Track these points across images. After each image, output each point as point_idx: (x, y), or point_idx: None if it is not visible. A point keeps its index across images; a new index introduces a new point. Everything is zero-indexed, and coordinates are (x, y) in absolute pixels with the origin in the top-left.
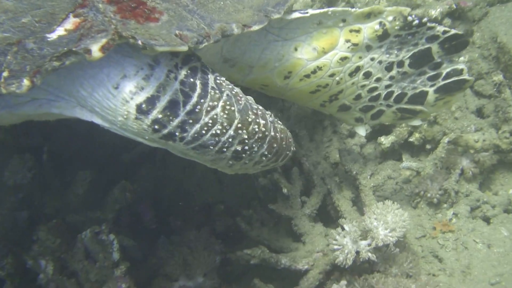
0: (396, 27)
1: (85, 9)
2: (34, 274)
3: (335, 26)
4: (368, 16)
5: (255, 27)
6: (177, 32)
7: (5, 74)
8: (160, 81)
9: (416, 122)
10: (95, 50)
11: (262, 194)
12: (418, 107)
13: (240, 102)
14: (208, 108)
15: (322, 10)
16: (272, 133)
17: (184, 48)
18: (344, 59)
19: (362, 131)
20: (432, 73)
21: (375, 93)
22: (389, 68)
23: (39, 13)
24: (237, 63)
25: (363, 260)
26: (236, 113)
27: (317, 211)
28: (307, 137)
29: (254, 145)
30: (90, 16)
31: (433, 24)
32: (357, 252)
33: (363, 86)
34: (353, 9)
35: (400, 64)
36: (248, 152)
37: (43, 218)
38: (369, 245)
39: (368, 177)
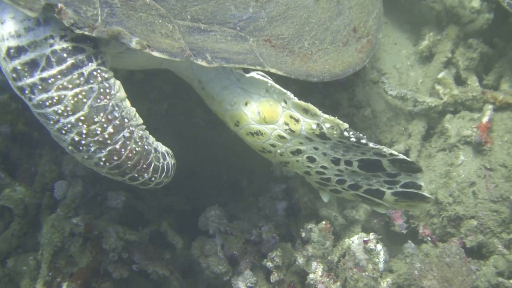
0: (335, 135)
1: None
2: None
3: (278, 102)
4: (306, 111)
5: (156, 53)
6: (61, 5)
7: None
8: (35, 39)
9: (382, 211)
10: None
11: None
12: (377, 200)
13: (100, 101)
14: (60, 86)
15: (269, 81)
16: (117, 147)
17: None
18: (282, 138)
19: (325, 198)
20: (387, 178)
21: (324, 176)
22: (336, 162)
23: None
24: (204, 88)
25: None
26: (86, 106)
27: None
28: None
29: (91, 145)
30: None
31: (377, 147)
32: None
33: (309, 167)
34: (292, 96)
35: (348, 163)
36: (85, 148)
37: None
38: None
39: None
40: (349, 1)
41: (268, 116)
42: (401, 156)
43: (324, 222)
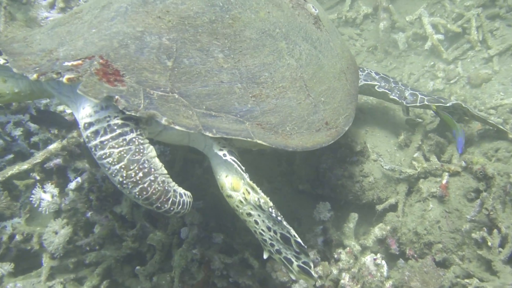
0: (266, 208)
1: (86, 61)
2: None
3: (241, 179)
4: (253, 188)
5: (178, 127)
6: (117, 97)
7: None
8: (99, 117)
9: (293, 276)
10: (66, 77)
11: None
12: (289, 267)
13: (135, 156)
14: (110, 146)
15: (235, 165)
16: (144, 186)
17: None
18: (241, 202)
19: (265, 254)
20: (294, 253)
21: (263, 237)
22: (269, 229)
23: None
24: (211, 163)
25: None
26: (125, 159)
27: None
28: None
29: (129, 184)
30: (84, 65)
31: (287, 226)
32: None
33: (255, 228)
34: (246, 177)
35: (275, 232)
36: (125, 186)
37: None
38: None
39: None
40: (324, 106)
41: (235, 186)
42: (298, 239)
43: (348, 248)
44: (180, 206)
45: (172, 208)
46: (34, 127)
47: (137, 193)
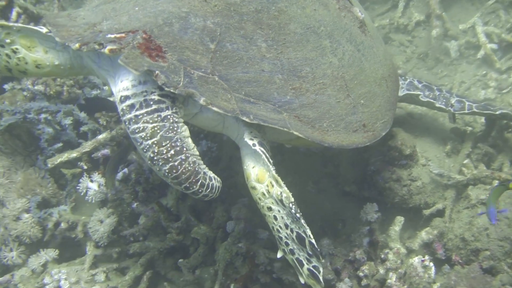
0: (287, 204)
1: (129, 35)
2: None
3: (267, 171)
4: (277, 182)
5: (215, 108)
6: (157, 72)
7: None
8: (136, 92)
9: (302, 280)
10: (108, 48)
11: None
12: (300, 269)
13: (168, 134)
14: (144, 120)
15: (263, 155)
16: (175, 164)
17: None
18: (263, 195)
19: (279, 254)
20: (307, 255)
21: (279, 235)
22: (286, 226)
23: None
24: (241, 153)
25: None
26: (158, 135)
27: None
28: None
29: (160, 161)
30: (127, 38)
31: (304, 225)
32: None
33: (273, 224)
34: (272, 169)
35: (292, 231)
36: (156, 162)
37: None
38: None
39: None
40: (363, 108)
41: (260, 178)
42: (313, 241)
43: (396, 248)
44: (209, 189)
45: (200, 190)
46: (83, 117)
47: (167, 171)
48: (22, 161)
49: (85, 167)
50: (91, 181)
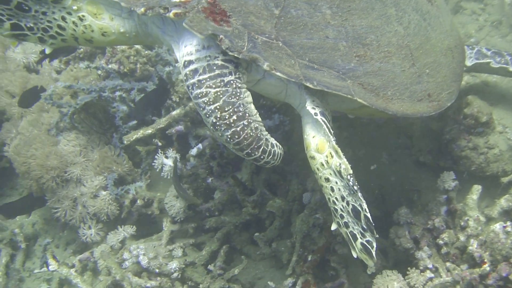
0: (345, 175)
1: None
2: None
3: (328, 141)
4: (337, 152)
5: (279, 73)
6: (221, 36)
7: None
8: (199, 56)
9: (354, 254)
10: (173, 11)
11: None
12: (353, 243)
13: (231, 99)
14: (207, 85)
15: (324, 126)
16: (237, 129)
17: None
18: (322, 165)
19: (333, 226)
20: (361, 229)
21: (335, 207)
22: (343, 199)
23: None
24: (302, 121)
25: None
26: (221, 100)
27: None
28: None
29: (222, 126)
30: (192, 2)
31: (360, 198)
32: None
33: (330, 195)
34: (333, 140)
35: (347, 203)
36: (218, 127)
37: None
38: None
39: None
40: (428, 78)
41: (320, 148)
42: (368, 215)
43: (476, 215)
44: (271, 156)
45: (262, 157)
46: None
47: (229, 136)
48: (98, 139)
49: (160, 143)
50: (166, 157)
